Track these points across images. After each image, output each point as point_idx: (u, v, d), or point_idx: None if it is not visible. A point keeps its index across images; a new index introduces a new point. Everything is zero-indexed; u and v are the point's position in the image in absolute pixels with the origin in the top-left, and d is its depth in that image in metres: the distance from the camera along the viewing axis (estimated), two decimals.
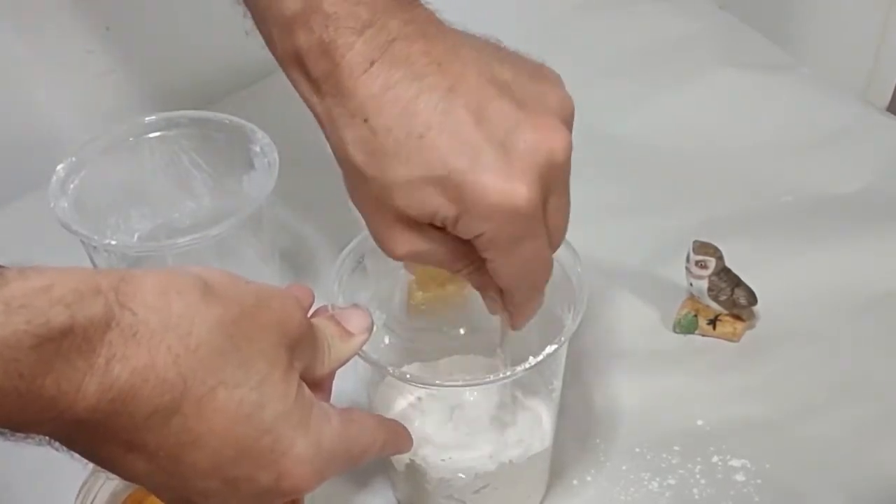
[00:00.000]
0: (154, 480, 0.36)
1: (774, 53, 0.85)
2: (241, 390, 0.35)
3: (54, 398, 0.31)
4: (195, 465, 0.35)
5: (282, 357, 0.36)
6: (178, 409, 0.33)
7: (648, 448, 0.54)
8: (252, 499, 0.37)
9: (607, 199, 0.71)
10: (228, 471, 0.35)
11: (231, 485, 0.36)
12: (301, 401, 0.37)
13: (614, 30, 0.88)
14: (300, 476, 0.37)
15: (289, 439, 0.36)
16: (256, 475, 0.36)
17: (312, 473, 0.37)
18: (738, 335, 0.60)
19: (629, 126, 0.78)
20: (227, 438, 0.35)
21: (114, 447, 0.34)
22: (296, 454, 0.36)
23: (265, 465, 0.36)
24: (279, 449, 0.36)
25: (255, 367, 0.35)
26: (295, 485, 0.37)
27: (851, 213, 0.69)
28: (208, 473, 0.35)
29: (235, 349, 0.35)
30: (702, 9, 0.91)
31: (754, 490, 0.52)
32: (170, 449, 0.34)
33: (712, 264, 0.58)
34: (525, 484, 0.52)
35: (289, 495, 0.37)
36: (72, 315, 0.31)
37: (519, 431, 0.51)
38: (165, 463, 0.34)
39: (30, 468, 0.54)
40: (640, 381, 0.58)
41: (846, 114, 0.77)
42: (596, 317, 0.62)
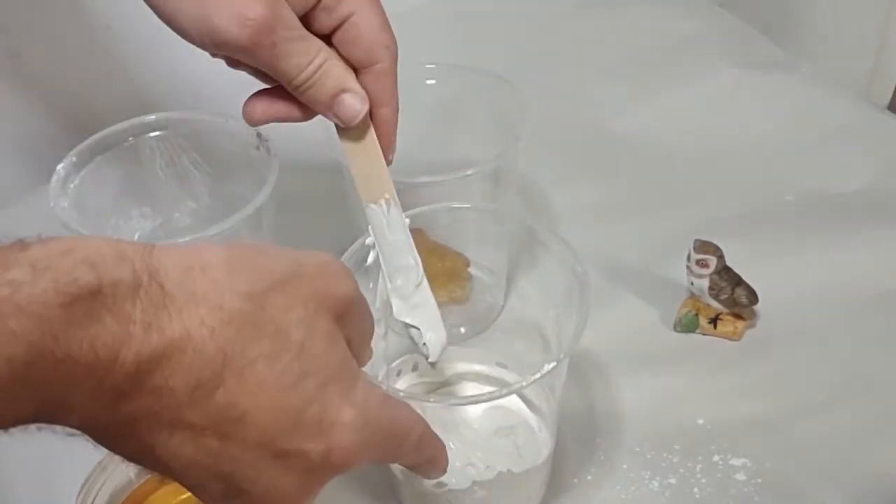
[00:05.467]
0: (199, 466, 0.34)
1: (775, 52, 0.85)
2: (283, 361, 0.33)
3: (92, 366, 0.30)
4: (244, 442, 0.33)
5: (322, 325, 0.35)
6: (220, 382, 0.32)
7: (649, 447, 0.54)
8: (302, 476, 0.35)
9: (607, 198, 0.71)
10: (278, 444, 0.34)
11: (281, 461, 0.34)
12: (347, 370, 0.36)
13: (614, 29, 0.88)
14: (349, 447, 0.35)
15: (336, 408, 0.35)
16: (306, 448, 0.34)
17: (360, 445, 0.36)
18: (738, 334, 0.60)
19: (629, 125, 0.78)
20: (273, 411, 0.33)
21: (157, 429, 0.32)
22: (344, 424, 0.35)
23: (314, 436, 0.34)
24: (327, 419, 0.35)
25: (293, 337, 0.34)
26: (344, 457, 0.35)
27: (852, 212, 0.69)
28: (258, 450, 0.34)
29: (270, 320, 0.33)
30: (702, 8, 0.91)
31: (755, 489, 0.52)
32: (217, 427, 0.33)
33: (713, 263, 0.58)
34: (523, 491, 0.51)
35: (337, 469, 0.36)
36: (98, 276, 0.30)
37: (518, 441, 0.51)
38: (213, 443, 0.33)
39: (30, 468, 0.54)
40: (640, 380, 0.58)
41: (847, 113, 0.77)
42: (596, 316, 0.62)
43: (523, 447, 0.51)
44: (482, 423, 0.51)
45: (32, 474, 0.54)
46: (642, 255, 0.66)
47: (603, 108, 0.80)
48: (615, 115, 0.79)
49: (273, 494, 0.35)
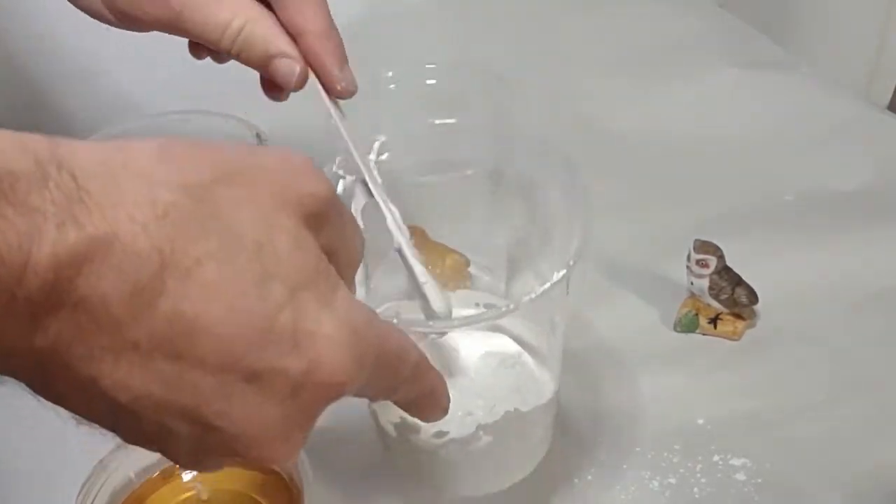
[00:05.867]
0: (156, 401, 0.28)
1: (775, 52, 0.85)
2: (238, 261, 0.28)
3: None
4: (204, 363, 0.27)
5: (286, 223, 0.29)
6: (161, 288, 0.26)
7: (649, 447, 0.54)
8: (285, 403, 0.29)
9: (607, 198, 0.71)
10: (247, 363, 0.28)
11: (255, 385, 0.28)
12: (323, 277, 0.30)
13: (614, 29, 0.88)
14: (337, 362, 0.30)
15: (313, 318, 0.29)
16: (283, 364, 0.28)
17: (350, 360, 0.30)
18: (738, 334, 0.60)
19: (629, 124, 0.78)
20: (234, 321, 0.28)
21: (97, 356, 0.27)
22: (326, 335, 0.29)
23: (290, 350, 0.29)
24: (304, 329, 0.29)
25: (249, 235, 0.28)
26: (331, 375, 0.30)
27: (852, 212, 0.69)
28: (223, 372, 0.28)
29: (215, 216, 0.28)
30: (702, 7, 0.91)
31: (755, 489, 0.52)
32: (167, 345, 0.27)
33: (713, 263, 0.58)
34: (530, 435, 0.48)
35: (325, 392, 0.30)
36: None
37: (520, 382, 0.48)
38: (165, 367, 0.27)
39: (30, 468, 0.54)
40: (640, 380, 0.58)
41: (847, 112, 0.78)
42: (596, 315, 0.62)
43: (525, 387, 0.48)
44: (479, 368, 0.48)
45: (32, 474, 0.54)
46: (642, 254, 0.66)
47: (603, 107, 0.80)
48: (615, 115, 0.79)
49: (254, 430, 0.29)
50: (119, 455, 0.48)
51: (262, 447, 0.30)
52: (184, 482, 0.50)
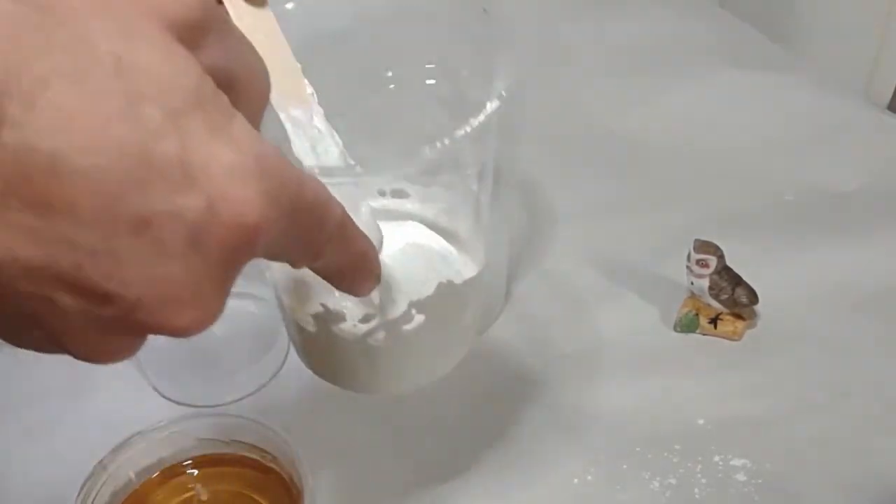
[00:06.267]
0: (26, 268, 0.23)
1: (775, 52, 0.85)
2: (94, 79, 0.22)
3: None
4: (75, 210, 0.22)
5: (152, 34, 0.24)
6: (2, 116, 0.22)
7: (649, 447, 0.54)
8: (188, 251, 0.24)
9: (607, 198, 0.71)
10: (129, 206, 0.23)
11: (145, 232, 0.23)
12: (212, 101, 0.25)
13: (614, 28, 0.88)
14: (244, 197, 0.24)
15: (205, 146, 0.24)
16: (176, 205, 0.23)
17: (260, 195, 0.25)
18: (739, 334, 0.60)
19: (629, 124, 0.78)
20: (100, 151, 0.22)
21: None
22: (225, 165, 0.24)
23: (182, 185, 0.23)
24: (195, 160, 0.24)
25: (102, 49, 0.23)
26: (241, 213, 0.24)
27: (852, 212, 0.69)
28: (101, 218, 0.23)
29: (60, 26, 0.23)
30: (703, 8, 0.91)
31: (755, 489, 0.52)
32: (24, 189, 0.22)
33: (713, 263, 0.58)
34: (465, 312, 0.44)
35: (238, 234, 0.25)
36: None
37: (448, 256, 0.44)
38: (28, 220, 0.22)
39: (30, 468, 0.54)
40: (640, 380, 0.58)
41: (847, 112, 0.78)
42: (596, 315, 0.62)
43: (453, 263, 0.44)
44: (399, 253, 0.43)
45: (32, 474, 0.54)
46: (642, 254, 0.66)
47: (603, 107, 0.80)
48: (615, 115, 0.79)
49: (154, 292, 0.24)
50: (119, 455, 0.48)
51: (169, 313, 0.25)
52: (183, 482, 0.50)
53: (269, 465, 0.49)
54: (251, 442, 0.49)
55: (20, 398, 0.58)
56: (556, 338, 0.61)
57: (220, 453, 0.50)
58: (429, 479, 0.53)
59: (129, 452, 0.49)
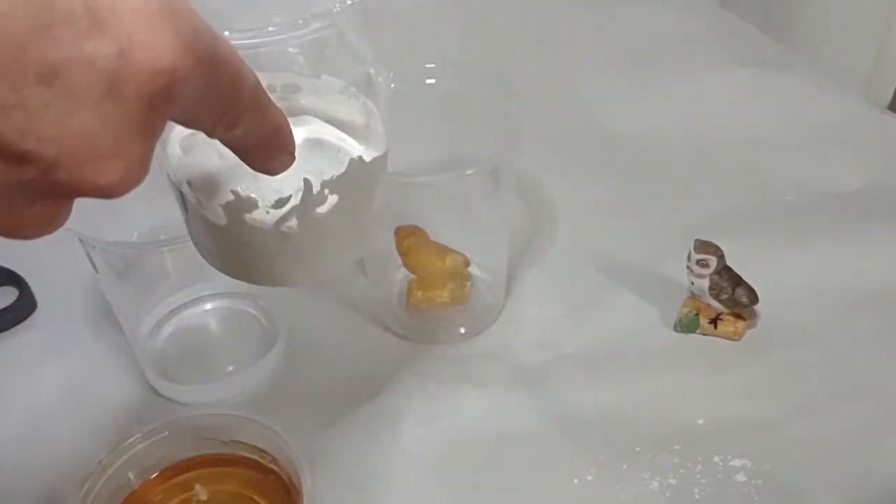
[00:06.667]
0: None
1: (775, 51, 0.85)
2: None
3: None
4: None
5: None
6: None
7: (649, 447, 0.54)
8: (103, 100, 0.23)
9: (608, 198, 0.71)
10: (34, 54, 0.22)
11: (55, 82, 0.22)
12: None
13: (615, 28, 0.88)
14: (156, 40, 0.23)
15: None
16: (84, 51, 0.22)
17: (173, 38, 0.24)
18: (739, 334, 0.60)
19: (630, 124, 0.78)
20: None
21: None
22: (134, 7, 0.23)
23: (89, 29, 0.22)
24: (102, 3, 0.23)
25: None
26: (155, 56, 0.23)
27: (853, 212, 0.69)
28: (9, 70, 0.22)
29: None
30: (703, 6, 0.91)
31: (755, 490, 0.52)
32: None
33: (713, 263, 0.58)
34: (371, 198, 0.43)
35: (154, 79, 0.24)
36: None
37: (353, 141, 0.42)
38: None
39: (30, 468, 0.54)
40: (640, 380, 0.58)
41: (847, 112, 0.78)
42: (596, 315, 0.62)
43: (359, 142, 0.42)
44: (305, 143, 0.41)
45: (32, 474, 0.54)
46: (642, 254, 0.66)
47: (603, 106, 0.80)
48: (616, 114, 0.79)
49: (71, 146, 0.23)
50: (118, 455, 0.48)
51: (92, 170, 0.24)
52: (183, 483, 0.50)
53: (269, 466, 0.49)
54: (251, 442, 0.49)
55: (20, 398, 0.58)
56: (556, 337, 0.61)
57: (220, 453, 0.50)
58: (428, 480, 0.53)
59: (128, 452, 0.49)
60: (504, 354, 0.60)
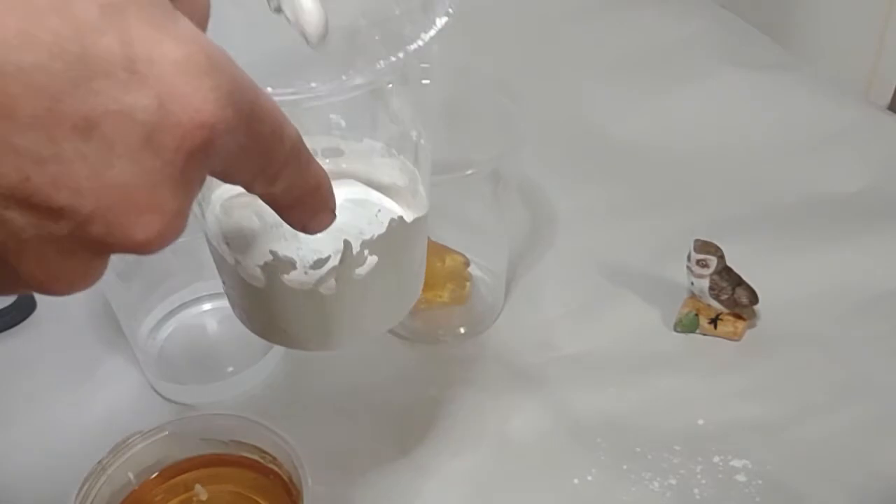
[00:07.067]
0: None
1: (776, 52, 0.85)
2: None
3: None
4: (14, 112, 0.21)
5: None
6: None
7: (649, 447, 0.54)
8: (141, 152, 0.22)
9: (607, 198, 0.71)
10: (72, 104, 0.21)
11: (93, 134, 0.22)
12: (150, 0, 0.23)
13: (615, 30, 0.88)
14: (196, 92, 0.23)
15: (149, 41, 0.22)
16: (123, 102, 0.22)
17: (213, 90, 0.23)
18: (739, 334, 0.60)
19: (630, 125, 0.78)
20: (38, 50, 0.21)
21: None
22: (174, 59, 0.22)
23: (129, 81, 0.22)
24: (140, 54, 0.22)
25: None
26: (195, 109, 0.23)
27: (853, 213, 0.68)
28: (42, 120, 0.21)
29: None
30: (703, 8, 0.91)
31: (755, 490, 0.52)
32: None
33: (713, 263, 0.58)
34: (412, 261, 0.43)
35: (192, 132, 0.23)
36: None
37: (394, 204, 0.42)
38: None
39: (29, 468, 0.54)
40: (640, 381, 0.58)
41: (847, 113, 0.77)
42: (596, 316, 0.62)
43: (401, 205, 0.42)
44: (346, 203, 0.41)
45: (32, 474, 0.54)
46: (643, 255, 0.66)
47: (604, 108, 0.80)
48: (616, 116, 0.79)
49: (108, 199, 0.23)
50: (118, 455, 0.48)
51: (127, 224, 0.23)
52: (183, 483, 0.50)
53: (269, 466, 0.49)
54: (251, 442, 0.49)
55: (20, 398, 0.58)
56: (557, 338, 0.61)
57: (220, 453, 0.50)
58: (428, 480, 0.53)
59: (128, 452, 0.48)
60: (504, 355, 0.60)
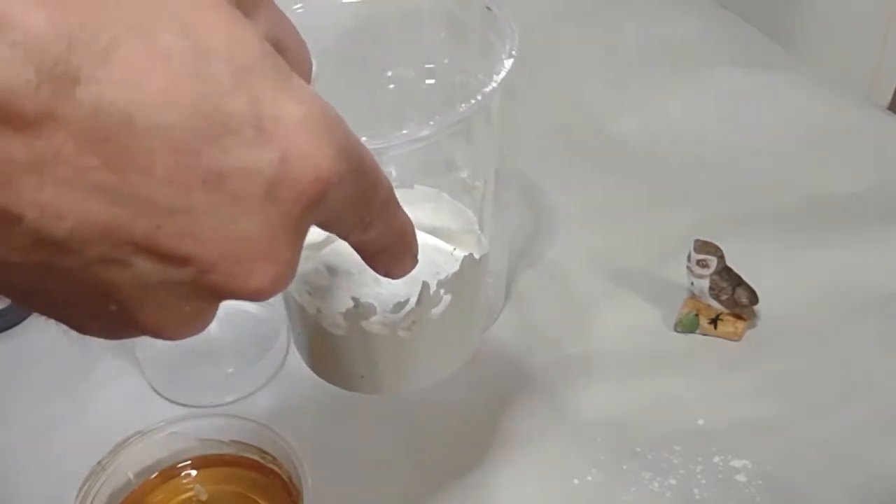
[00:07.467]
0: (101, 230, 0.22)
1: (776, 52, 0.85)
2: (164, 38, 0.23)
3: None
4: (151, 167, 0.22)
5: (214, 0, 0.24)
6: (76, 74, 0.21)
7: (649, 448, 0.54)
8: (263, 206, 0.24)
9: (607, 198, 0.71)
10: (205, 160, 0.23)
11: (221, 188, 0.23)
12: (272, 61, 0.25)
13: (614, 29, 0.88)
14: (317, 150, 0.24)
15: (273, 101, 0.24)
16: (250, 158, 0.24)
17: (331, 148, 0.25)
18: (739, 334, 0.60)
19: (630, 125, 0.78)
20: (177, 109, 0.22)
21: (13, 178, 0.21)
22: (296, 118, 0.24)
23: (256, 139, 0.24)
24: (266, 113, 0.24)
25: (170, 10, 0.23)
26: (315, 165, 0.24)
27: (853, 213, 0.68)
28: (177, 175, 0.23)
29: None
30: (704, 8, 0.91)
31: (755, 491, 0.52)
32: (101, 147, 0.22)
33: (713, 263, 0.58)
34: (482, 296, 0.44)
35: (311, 187, 0.25)
36: None
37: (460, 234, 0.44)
38: (105, 178, 0.22)
39: (30, 468, 0.54)
40: (640, 381, 0.58)
41: (848, 113, 0.77)
42: (597, 316, 0.62)
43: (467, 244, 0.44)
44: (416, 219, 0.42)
45: (32, 474, 0.54)
46: (643, 255, 0.66)
47: (603, 108, 0.80)
48: (616, 115, 0.79)
49: (230, 250, 0.24)
50: (118, 455, 0.48)
51: (246, 273, 0.25)
52: (183, 483, 0.50)
53: (269, 466, 0.49)
54: (251, 442, 0.49)
55: (20, 398, 0.58)
56: (557, 338, 0.61)
57: (220, 454, 0.50)
58: (428, 480, 0.53)
59: (128, 452, 0.48)
60: (504, 355, 0.60)
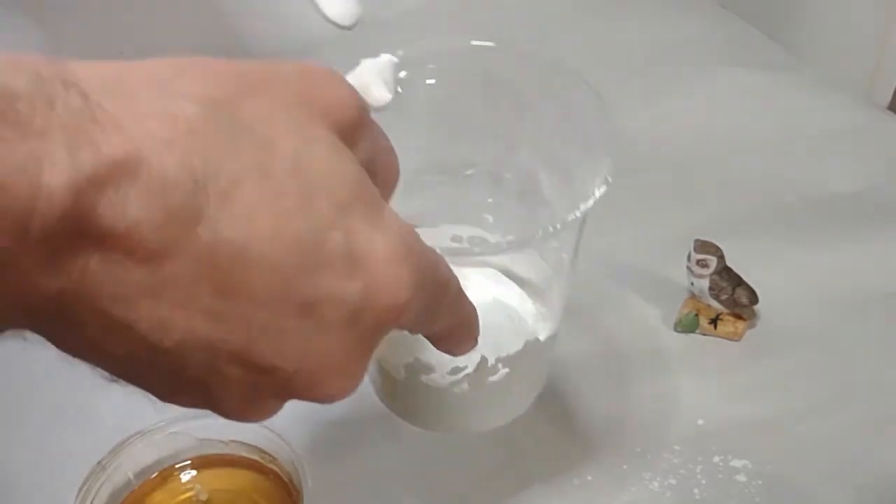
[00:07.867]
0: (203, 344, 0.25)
1: (776, 53, 0.85)
2: (277, 178, 0.25)
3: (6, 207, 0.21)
4: (254, 294, 0.25)
5: (320, 133, 0.27)
6: (199, 213, 0.24)
7: (649, 447, 0.54)
8: (344, 331, 0.27)
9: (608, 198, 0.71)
10: (301, 290, 0.26)
11: (311, 314, 0.26)
12: (368, 192, 0.28)
13: (615, 30, 0.88)
14: (397, 283, 0.28)
15: (364, 236, 0.27)
16: (340, 291, 0.26)
17: (410, 280, 0.28)
18: (739, 334, 0.60)
19: (629, 124, 0.77)
20: (282, 243, 0.25)
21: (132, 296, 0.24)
22: (383, 254, 0.27)
23: (345, 272, 0.26)
24: (357, 249, 0.27)
25: (283, 146, 0.26)
26: (394, 296, 0.27)
27: (853, 213, 0.68)
28: (276, 303, 0.26)
29: (247, 129, 0.25)
30: (704, 8, 0.91)
31: (755, 490, 0.52)
32: (213, 277, 0.24)
33: (713, 263, 0.58)
34: (542, 365, 0.48)
35: (385, 317, 0.28)
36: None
37: (532, 310, 0.47)
38: (213, 303, 0.25)
39: (29, 468, 0.54)
40: (640, 381, 0.58)
41: (848, 113, 0.77)
42: (596, 316, 0.62)
43: (537, 319, 0.47)
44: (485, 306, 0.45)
45: (32, 474, 0.54)
46: (643, 255, 0.66)
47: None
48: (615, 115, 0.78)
49: (312, 366, 0.27)
50: (118, 455, 0.48)
51: (322, 384, 0.28)
52: (183, 483, 0.50)
53: (269, 466, 0.49)
54: (251, 442, 0.49)
55: (20, 398, 0.58)
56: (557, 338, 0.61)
57: (220, 454, 0.50)
58: (427, 481, 0.53)
59: (128, 452, 0.48)
60: None
